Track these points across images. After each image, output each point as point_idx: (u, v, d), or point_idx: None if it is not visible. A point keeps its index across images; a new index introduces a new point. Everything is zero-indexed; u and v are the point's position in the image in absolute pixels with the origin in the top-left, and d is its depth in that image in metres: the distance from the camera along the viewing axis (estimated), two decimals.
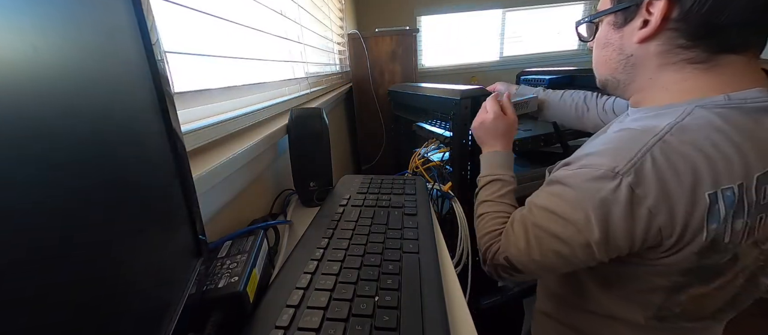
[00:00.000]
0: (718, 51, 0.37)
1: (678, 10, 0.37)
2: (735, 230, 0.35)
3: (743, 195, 0.35)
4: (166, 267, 0.22)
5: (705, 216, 0.35)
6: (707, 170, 0.35)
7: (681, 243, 0.37)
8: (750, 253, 0.38)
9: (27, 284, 0.11)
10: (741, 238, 0.36)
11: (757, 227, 0.36)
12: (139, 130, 0.20)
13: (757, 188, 0.35)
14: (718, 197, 0.34)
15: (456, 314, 0.30)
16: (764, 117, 0.36)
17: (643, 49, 0.41)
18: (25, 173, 0.11)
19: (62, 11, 0.15)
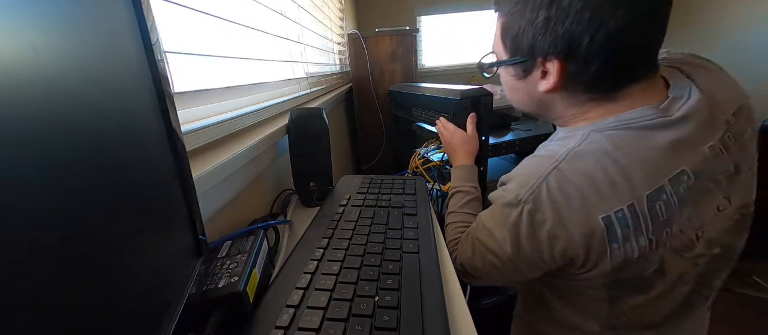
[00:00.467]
0: (616, 89, 0.41)
1: (572, 67, 0.40)
2: (640, 246, 0.37)
3: (637, 215, 0.37)
4: (166, 267, 0.22)
5: (605, 237, 0.37)
6: (596, 195, 0.37)
7: (590, 263, 0.39)
8: (676, 263, 0.39)
9: (27, 284, 0.11)
10: (650, 252, 0.38)
11: (665, 241, 0.38)
12: (139, 130, 0.20)
13: (650, 206, 0.37)
14: (612, 220, 0.37)
15: (456, 314, 0.30)
16: (651, 134, 0.38)
17: (548, 96, 0.44)
18: (25, 173, 0.11)
19: (62, 11, 0.15)
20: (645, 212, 0.37)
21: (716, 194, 0.39)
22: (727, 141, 0.40)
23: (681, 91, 0.40)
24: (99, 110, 0.16)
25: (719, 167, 0.39)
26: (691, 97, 0.39)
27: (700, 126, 0.38)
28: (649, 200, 0.36)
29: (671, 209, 0.37)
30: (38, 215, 0.12)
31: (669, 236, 0.38)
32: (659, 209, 0.37)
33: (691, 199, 0.37)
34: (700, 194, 0.38)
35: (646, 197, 0.36)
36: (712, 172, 0.39)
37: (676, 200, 0.37)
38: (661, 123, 0.38)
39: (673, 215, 0.37)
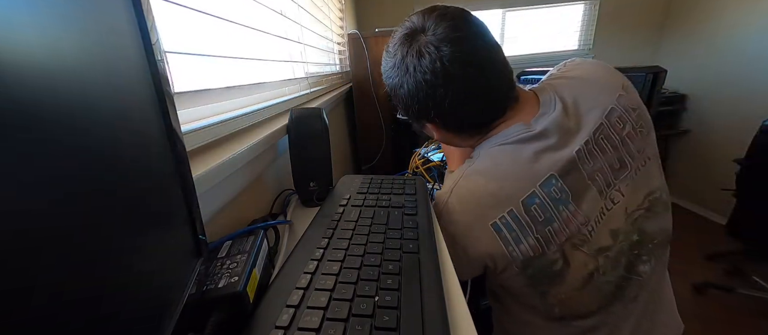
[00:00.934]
0: (490, 127, 0.50)
1: (440, 126, 0.51)
2: (532, 245, 0.43)
3: (518, 218, 0.43)
4: (166, 267, 0.22)
5: (499, 242, 0.44)
6: (484, 207, 0.44)
7: (500, 266, 0.45)
8: (579, 255, 0.44)
9: (26, 284, 0.11)
10: (545, 249, 0.43)
11: (553, 237, 0.43)
12: (139, 130, 0.20)
13: (527, 210, 0.43)
14: (500, 226, 0.43)
15: (456, 314, 0.30)
16: (521, 148, 0.45)
17: (447, 140, 0.57)
18: (24, 173, 0.11)
19: (62, 11, 0.15)
20: (524, 216, 0.43)
21: (597, 191, 0.44)
22: (600, 142, 0.45)
23: (546, 107, 0.47)
24: (98, 110, 0.16)
25: (594, 166, 0.44)
26: (555, 110, 0.46)
27: (563, 135, 0.45)
28: (525, 204, 0.43)
29: (547, 210, 0.43)
30: (37, 215, 0.12)
31: (555, 233, 0.43)
32: (536, 211, 0.43)
33: (566, 198, 0.43)
34: (575, 193, 0.43)
35: (522, 203, 0.43)
36: (586, 171, 0.44)
37: (549, 201, 0.43)
38: (527, 137, 0.45)
39: (551, 214, 0.43)
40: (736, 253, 1.78)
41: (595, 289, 0.45)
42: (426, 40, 0.44)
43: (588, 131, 0.45)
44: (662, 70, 1.09)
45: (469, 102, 0.46)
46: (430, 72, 0.44)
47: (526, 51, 2.65)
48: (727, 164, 1.66)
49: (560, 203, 0.43)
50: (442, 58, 0.43)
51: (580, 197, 0.43)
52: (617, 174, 0.45)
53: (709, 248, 1.90)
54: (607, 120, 0.46)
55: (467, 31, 0.44)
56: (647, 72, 1.11)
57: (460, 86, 0.44)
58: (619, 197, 0.45)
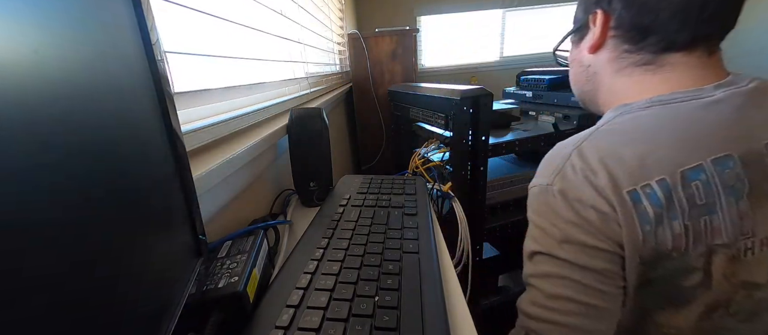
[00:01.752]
0: (660, 51, 0.38)
1: (614, 18, 0.40)
2: (675, 234, 0.33)
3: (670, 193, 0.33)
4: (166, 267, 0.22)
5: (635, 217, 0.33)
6: (621, 168, 0.34)
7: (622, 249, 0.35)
8: (723, 278, 0.34)
9: (26, 283, 0.11)
10: (688, 246, 0.33)
11: (704, 235, 0.33)
12: (139, 130, 0.20)
13: (685, 185, 0.33)
14: (640, 196, 0.33)
15: (456, 314, 0.30)
16: (690, 109, 0.35)
17: (597, 59, 0.44)
18: (24, 173, 0.11)
19: (62, 12, 0.15)
20: (679, 191, 0.32)
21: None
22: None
23: (736, 78, 0.37)
24: (99, 110, 0.16)
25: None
26: (747, 86, 0.36)
27: (754, 113, 0.34)
28: (685, 177, 0.32)
29: (711, 194, 0.32)
30: (38, 215, 0.12)
31: (711, 229, 0.33)
32: (696, 191, 0.32)
33: (741, 190, 0.32)
34: (754, 191, 0.33)
35: (681, 174, 0.32)
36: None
37: (719, 183, 0.32)
38: (704, 103, 0.35)
39: (715, 202, 0.32)
40: None
41: (711, 329, 0.35)
42: None
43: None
44: None
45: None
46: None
47: (526, 51, 2.65)
48: None
49: (731, 194, 0.33)
50: None
51: (758, 200, 0.33)
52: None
53: None
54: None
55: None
56: None
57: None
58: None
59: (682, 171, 0.33)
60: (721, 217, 0.33)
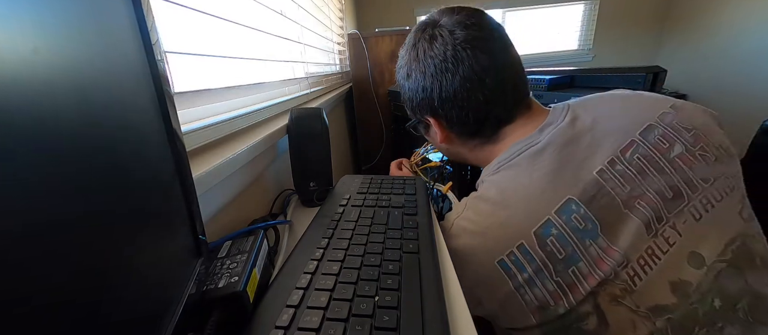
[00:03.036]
0: (495, 131, 0.45)
1: (443, 121, 0.47)
2: (551, 292, 0.35)
3: (531, 255, 0.35)
4: (166, 267, 0.22)
5: (510, 284, 0.36)
6: (487, 241, 0.38)
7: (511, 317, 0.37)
8: (620, 313, 0.33)
9: (26, 283, 0.11)
10: (566, 299, 0.34)
11: (577, 284, 0.34)
12: (139, 130, 0.20)
13: (542, 243, 0.35)
14: (508, 265, 0.36)
15: (456, 314, 0.30)
16: (530, 165, 0.39)
17: (451, 144, 0.51)
18: (24, 172, 0.11)
19: (62, 12, 0.15)
20: (538, 251, 0.35)
21: (643, 224, 0.34)
22: (636, 162, 0.37)
23: (554, 116, 0.42)
24: (99, 110, 0.16)
25: (631, 191, 0.35)
26: (563, 121, 0.41)
27: (576, 151, 0.38)
28: (538, 236, 0.35)
29: (568, 244, 0.34)
30: (37, 215, 0.12)
31: (582, 276, 0.34)
32: (553, 246, 0.34)
33: (593, 230, 0.34)
34: (606, 225, 0.34)
35: (535, 235, 0.35)
36: (619, 198, 0.35)
37: (570, 232, 0.34)
38: (534, 152, 0.39)
39: (574, 250, 0.34)
40: None
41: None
42: (440, 25, 0.44)
43: (612, 149, 0.37)
44: (662, 70, 1.09)
45: (476, 90, 0.42)
46: (441, 55, 0.42)
47: (526, 51, 2.65)
48: None
49: (586, 236, 0.34)
50: (455, 40, 0.41)
51: (613, 230, 0.34)
52: (670, 206, 0.35)
53: None
54: (642, 138, 0.38)
55: (482, 21, 0.43)
56: (647, 72, 1.11)
57: (469, 70, 0.41)
58: (676, 238, 0.34)
59: (535, 231, 0.35)
60: (586, 262, 0.34)
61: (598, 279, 0.33)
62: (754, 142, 1.34)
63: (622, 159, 0.37)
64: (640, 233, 0.34)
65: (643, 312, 0.33)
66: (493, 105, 0.43)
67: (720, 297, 0.34)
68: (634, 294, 0.33)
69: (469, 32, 0.41)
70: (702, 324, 0.33)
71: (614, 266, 0.33)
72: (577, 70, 1.36)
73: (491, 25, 0.44)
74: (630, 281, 0.33)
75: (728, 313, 0.34)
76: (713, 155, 0.39)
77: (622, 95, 0.46)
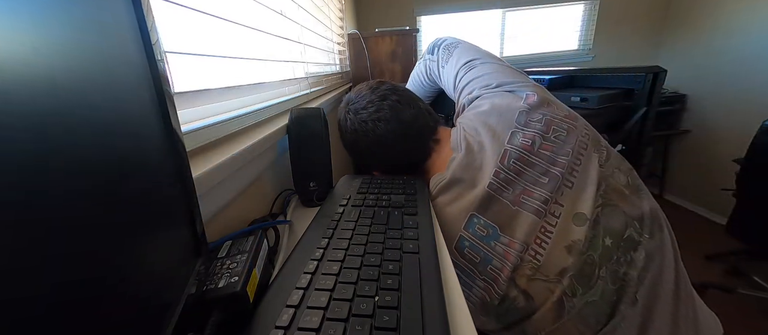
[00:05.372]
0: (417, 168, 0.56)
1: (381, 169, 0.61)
2: (483, 288, 0.43)
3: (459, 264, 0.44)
4: (166, 267, 0.22)
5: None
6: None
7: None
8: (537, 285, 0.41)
9: (25, 283, 0.11)
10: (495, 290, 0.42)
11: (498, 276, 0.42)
12: (139, 130, 0.20)
13: (462, 254, 0.44)
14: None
15: (456, 314, 0.30)
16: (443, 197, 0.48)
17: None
18: (24, 172, 0.11)
19: (62, 12, 0.15)
20: (462, 260, 0.43)
21: (533, 212, 0.43)
22: (513, 166, 0.45)
23: (455, 151, 0.51)
24: (99, 110, 0.16)
25: (515, 190, 0.44)
26: (461, 152, 0.50)
27: (472, 173, 0.47)
28: (458, 250, 0.44)
29: (480, 250, 0.43)
30: (37, 215, 0.12)
31: (498, 270, 0.42)
32: (470, 254, 0.43)
33: (495, 232, 0.43)
34: (503, 225, 0.43)
35: (456, 249, 0.44)
36: (508, 199, 0.44)
37: (478, 240, 0.43)
38: (443, 186, 0.48)
39: (486, 253, 0.42)
40: (736, 253, 1.78)
41: (577, 317, 0.40)
42: (350, 107, 0.59)
43: (494, 162, 0.46)
44: (662, 70, 1.09)
45: (387, 148, 0.55)
46: (353, 131, 0.57)
47: (526, 51, 2.65)
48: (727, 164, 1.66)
49: (490, 239, 0.43)
50: (359, 119, 0.56)
51: (510, 227, 0.43)
52: (546, 187, 0.44)
53: (709, 248, 1.90)
54: (511, 146, 0.47)
55: (376, 95, 0.56)
56: (647, 72, 1.11)
57: (375, 137, 0.55)
58: (560, 209, 0.43)
59: (455, 247, 0.44)
60: (497, 258, 0.42)
61: (511, 268, 0.42)
62: (754, 142, 1.34)
63: (503, 167, 0.46)
64: (532, 220, 0.43)
65: (553, 279, 0.41)
66: (404, 154, 0.55)
67: (609, 235, 0.42)
68: (542, 268, 0.41)
69: (367, 110, 0.55)
70: (600, 264, 0.41)
71: (518, 253, 0.42)
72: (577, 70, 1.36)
73: (383, 94, 0.56)
74: (534, 260, 0.41)
75: (619, 243, 0.42)
76: (564, 130, 0.48)
77: (487, 109, 0.53)
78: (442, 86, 0.73)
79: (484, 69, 0.61)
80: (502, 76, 0.58)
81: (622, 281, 0.41)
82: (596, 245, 0.41)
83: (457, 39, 0.72)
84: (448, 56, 0.70)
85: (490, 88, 0.57)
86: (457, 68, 0.65)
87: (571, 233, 0.42)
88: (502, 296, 0.42)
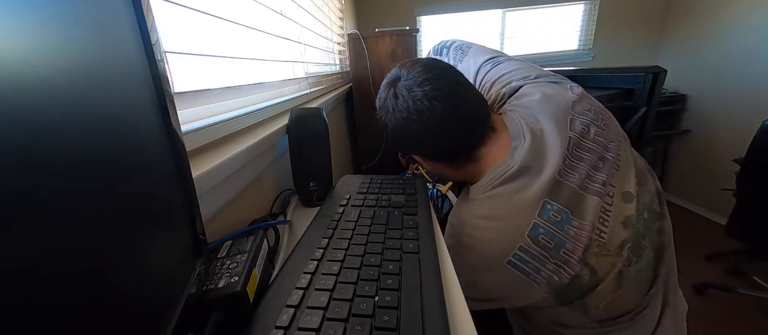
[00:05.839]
0: (470, 155, 0.52)
1: (424, 156, 0.57)
2: (552, 270, 0.44)
3: (531, 251, 0.44)
4: (166, 267, 0.22)
5: (520, 275, 0.45)
6: (493, 249, 0.46)
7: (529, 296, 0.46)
8: (603, 261, 0.45)
9: (27, 283, 0.11)
10: (568, 270, 0.44)
11: (569, 258, 0.44)
12: (139, 130, 0.20)
13: (535, 241, 0.44)
14: (515, 263, 0.45)
15: (456, 314, 0.30)
16: (511, 185, 0.47)
17: (434, 169, 0.60)
18: (24, 172, 0.11)
19: (62, 12, 0.15)
20: (534, 247, 0.44)
21: (596, 194, 0.46)
22: (576, 154, 0.48)
23: (517, 140, 0.50)
24: (99, 110, 0.16)
25: (580, 176, 0.46)
26: (526, 140, 0.49)
27: (541, 161, 0.47)
28: (532, 237, 0.44)
29: (554, 235, 0.44)
30: (37, 215, 0.12)
31: (570, 252, 0.44)
32: (544, 240, 0.44)
33: (567, 217, 0.44)
34: (574, 209, 0.45)
35: (528, 237, 0.44)
36: (576, 184, 0.46)
37: (553, 226, 0.44)
38: (511, 175, 0.48)
39: (560, 237, 0.44)
40: (736, 253, 1.78)
41: (634, 283, 0.46)
42: (400, 84, 0.52)
43: (562, 149, 0.47)
44: (662, 70, 1.09)
45: (442, 131, 0.51)
46: (405, 109, 0.51)
47: (526, 51, 2.65)
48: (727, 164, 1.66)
49: (564, 224, 0.44)
50: (413, 97, 0.50)
51: (579, 210, 0.45)
52: (603, 171, 0.48)
53: (709, 248, 1.90)
54: (573, 133, 0.49)
55: (433, 73, 0.51)
56: (647, 72, 1.11)
57: (431, 118, 0.50)
58: (613, 190, 0.47)
59: (528, 234, 0.44)
60: (570, 242, 0.44)
61: (583, 249, 0.44)
62: (754, 142, 1.34)
63: (569, 155, 0.47)
64: (596, 202, 0.45)
65: (615, 252, 0.45)
66: (460, 139, 0.52)
67: (645, 210, 0.48)
68: (606, 244, 0.44)
69: (423, 88, 0.50)
70: (644, 235, 0.46)
71: (588, 234, 0.44)
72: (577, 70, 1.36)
73: (442, 73, 0.52)
74: (599, 238, 0.44)
75: (652, 215, 0.48)
76: (607, 118, 0.53)
77: (541, 98, 0.54)
78: None
79: (513, 64, 0.63)
80: (535, 70, 0.61)
81: (659, 248, 0.48)
82: (640, 219, 0.46)
83: (466, 41, 0.74)
84: (462, 55, 0.71)
85: (530, 79, 0.59)
86: (477, 65, 0.67)
87: (624, 210, 0.46)
88: (573, 276, 0.44)
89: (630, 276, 0.45)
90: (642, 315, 0.47)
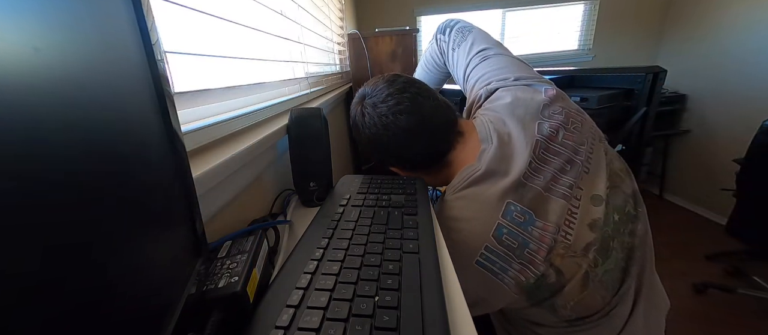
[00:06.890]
0: (443, 159, 0.55)
1: (398, 165, 0.60)
2: (519, 270, 0.45)
3: (496, 251, 0.45)
4: (166, 267, 0.22)
5: (489, 275, 0.45)
6: (462, 250, 0.46)
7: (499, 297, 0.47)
8: (569, 262, 0.46)
9: (26, 283, 0.11)
10: (533, 270, 0.45)
11: (534, 258, 0.45)
12: (139, 130, 0.20)
13: (500, 241, 0.45)
14: (482, 262, 0.45)
15: (456, 314, 0.30)
16: (477, 187, 0.49)
17: (412, 175, 0.60)
18: (24, 172, 0.11)
19: (63, 11, 0.15)
20: (499, 247, 0.45)
21: (561, 196, 0.47)
22: (542, 156, 0.49)
23: (485, 143, 0.52)
24: (99, 110, 0.16)
25: (545, 178, 0.47)
26: (493, 143, 0.51)
27: (507, 164, 0.49)
28: (496, 237, 0.45)
29: (517, 235, 0.45)
30: (37, 215, 0.12)
31: (534, 252, 0.45)
32: (508, 240, 0.45)
33: (531, 218, 0.45)
34: (537, 210, 0.46)
35: (493, 237, 0.45)
36: (540, 187, 0.47)
37: (516, 226, 0.45)
38: (478, 177, 0.49)
39: (523, 238, 0.45)
40: (736, 253, 1.78)
41: (599, 284, 0.47)
42: (366, 102, 0.56)
43: (528, 153, 0.49)
44: (662, 70, 1.09)
45: (410, 141, 0.54)
46: (372, 125, 0.54)
47: (527, 51, 2.65)
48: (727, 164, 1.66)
49: (528, 225, 0.45)
50: (378, 113, 0.54)
51: (543, 211, 0.46)
52: (571, 174, 0.49)
53: (709, 248, 1.90)
54: (540, 136, 0.50)
55: (395, 87, 0.54)
56: (647, 72, 1.11)
57: (397, 131, 0.53)
58: (581, 193, 0.48)
59: (492, 234, 0.45)
60: (534, 242, 0.45)
61: (547, 249, 0.45)
62: (754, 142, 1.34)
63: (535, 157, 0.48)
64: (562, 204, 0.47)
65: (581, 254, 0.46)
66: (428, 147, 0.54)
67: (616, 212, 0.49)
68: (572, 246, 0.45)
69: (387, 103, 0.53)
70: (613, 237, 0.47)
71: (552, 235, 0.45)
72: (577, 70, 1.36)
73: (403, 86, 0.54)
74: (565, 240, 0.45)
75: (623, 218, 0.49)
76: (579, 121, 0.53)
77: (511, 101, 0.55)
78: (449, 68, 0.77)
79: (499, 61, 0.65)
80: (517, 71, 0.62)
81: (629, 250, 0.49)
82: (609, 222, 0.47)
83: (469, 23, 0.75)
84: (461, 40, 0.72)
85: (508, 81, 0.60)
86: (469, 56, 0.68)
87: (591, 213, 0.47)
88: (539, 275, 0.45)
89: (596, 277, 0.46)
90: (611, 314, 0.48)
